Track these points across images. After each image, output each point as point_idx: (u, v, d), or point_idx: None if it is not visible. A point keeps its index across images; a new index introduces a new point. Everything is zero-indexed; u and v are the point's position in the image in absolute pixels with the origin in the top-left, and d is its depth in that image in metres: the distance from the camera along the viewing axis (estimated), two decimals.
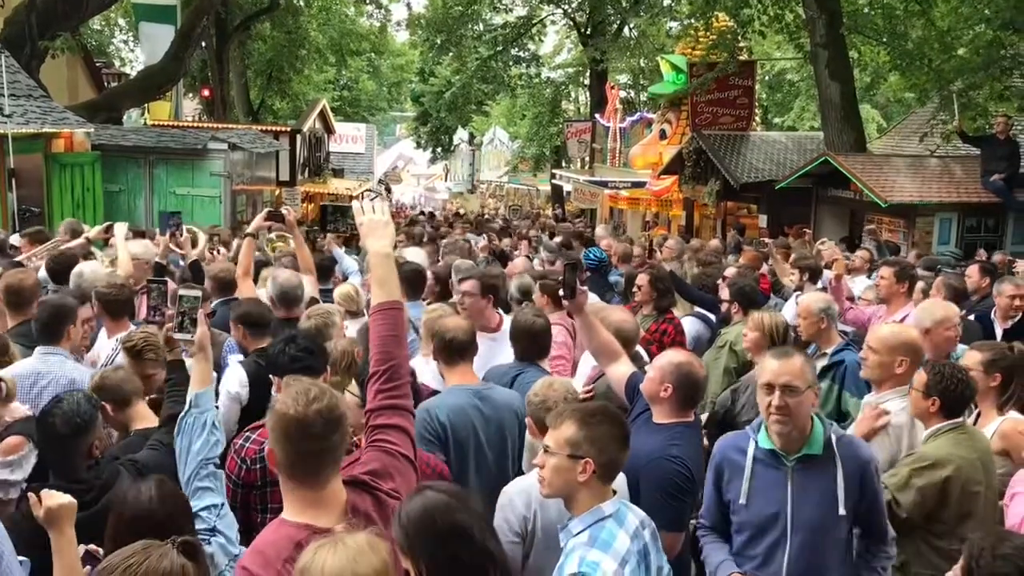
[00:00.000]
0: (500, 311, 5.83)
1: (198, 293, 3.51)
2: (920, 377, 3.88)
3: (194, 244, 7.08)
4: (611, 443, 2.82)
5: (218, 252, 7.50)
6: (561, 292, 4.11)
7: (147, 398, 4.03)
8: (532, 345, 4.69)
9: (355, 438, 2.94)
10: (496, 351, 5.11)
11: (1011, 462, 3.97)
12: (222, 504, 3.08)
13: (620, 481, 3.16)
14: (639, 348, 4.96)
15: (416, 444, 2.79)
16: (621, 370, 4.13)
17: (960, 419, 3.84)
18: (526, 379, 4.31)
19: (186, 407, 3.22)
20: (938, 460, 3.67)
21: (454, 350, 4.12)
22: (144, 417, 3.89)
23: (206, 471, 3.09)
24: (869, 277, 8.16)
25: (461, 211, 34.84)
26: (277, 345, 3.81)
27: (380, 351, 2.77)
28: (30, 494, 2.83)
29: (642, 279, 6.61)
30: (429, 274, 6.95)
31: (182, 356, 3.84)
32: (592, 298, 5.59)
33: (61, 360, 4.42)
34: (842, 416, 5.15)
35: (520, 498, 3.24)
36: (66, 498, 2.79)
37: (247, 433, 3.54)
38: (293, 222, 6.42)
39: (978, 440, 3.85)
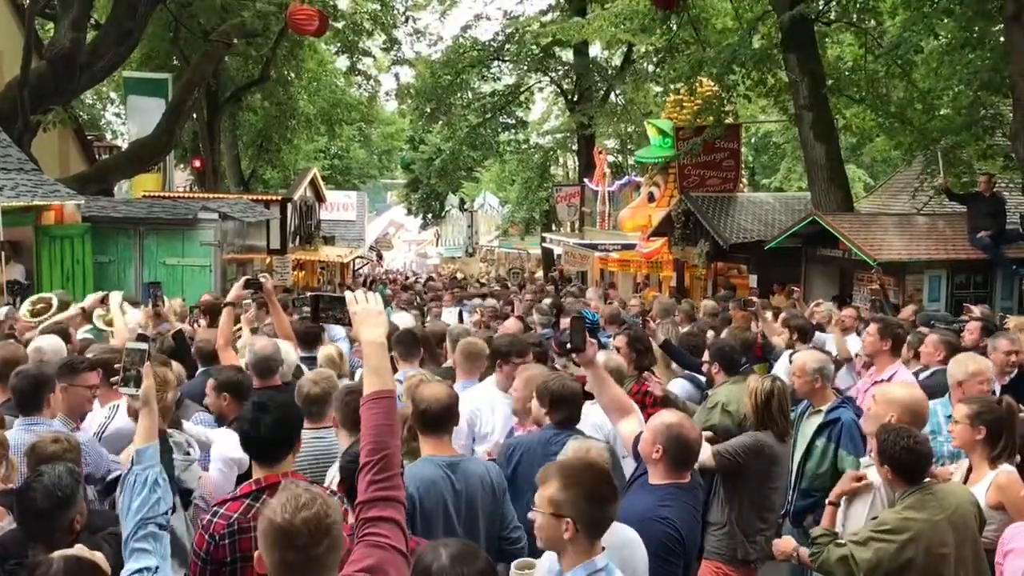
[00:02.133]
0: None
1: (144, 347, 3.43)
2: (873, 444, 3.99)
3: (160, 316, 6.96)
4: (592, 502, 2.88)
5: (198, 324, 7.46)
6: (569, 346, 4.12)
7: None
8: (576, 410, 4.59)
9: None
10: None
11: (1007, 515, 3.95)
12: (156, 568, 2.94)
13: (630, 535, 3.19)
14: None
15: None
16: (631, 427, 4.17)
17: (924, 481, 3.86)
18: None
19: (129, 464, 3.11)
20: (895, 527, 3.72)
21: (427, 421, 3.98)
22: None
23: (144, 531, 2.95)
24: (859, 335, 8.17)
25: (459, 275, 34.86)
26: (248, 422, 3.59)
27: (373, 440, 2.69)
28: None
29: (620, 340, 6.53)
30: None
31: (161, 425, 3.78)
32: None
33: (50, 430, 4.30)
34: (838, 474, 5.14)
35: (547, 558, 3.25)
36: None
37: (215, 508, 3.43)
38: (271, 289, 6.39)
39: (948, 499, 3.82)
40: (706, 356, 6.55)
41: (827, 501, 4.30)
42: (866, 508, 4.10)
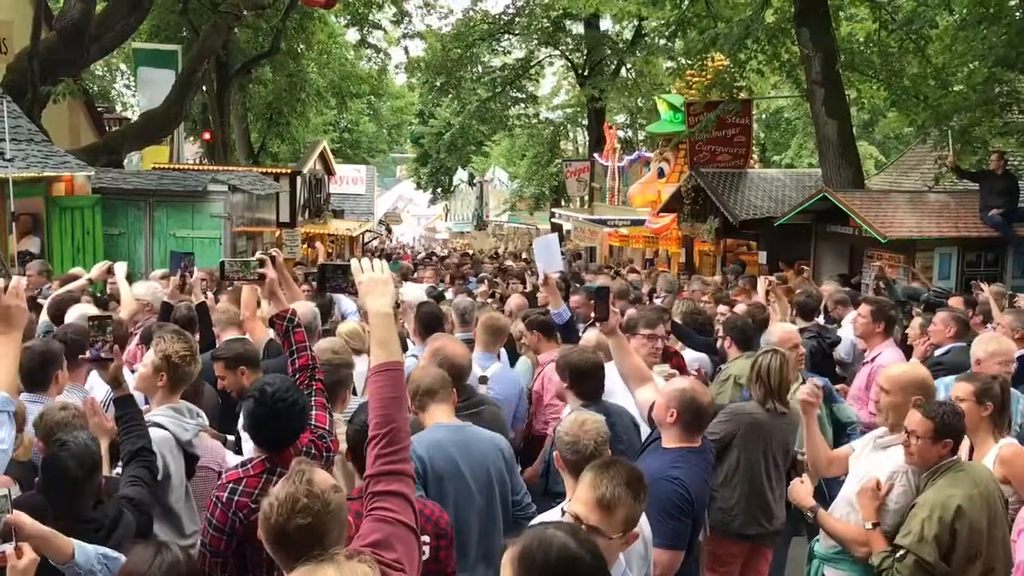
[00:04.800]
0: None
1: (109, 316, 3.40)
2: (923, 424, 3.80)
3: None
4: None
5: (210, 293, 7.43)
6: (594, 315, 4.42)
7: None
8: (600, 383, 4.64)
9: None
10: None
11: (1013, 489, 3.95)
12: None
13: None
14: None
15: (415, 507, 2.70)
16: (646, 395, 4.33)
17: (955, 456, 3.80)
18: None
19: None
20: (943, 504, 3.62)
21: (426, 393, 4.07)
22: None
23: None
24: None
25: (470, 251, 34.72)
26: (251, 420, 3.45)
27: (380, 413, 2.66)
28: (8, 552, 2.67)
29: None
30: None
31: (129, 391, 3.83)
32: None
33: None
34: (842, 426, 5.25)
35: None
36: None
37: (230, 484, 3.30)
38: (281, 264, 6.36)
39: (977, 474, 3.80)
40: (720, 331, 6.58)
41: (866, 527, 3.96)
42: (903, 493, 3.95)
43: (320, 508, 2.39)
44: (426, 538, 3.32)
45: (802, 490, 4.28)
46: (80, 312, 5.60)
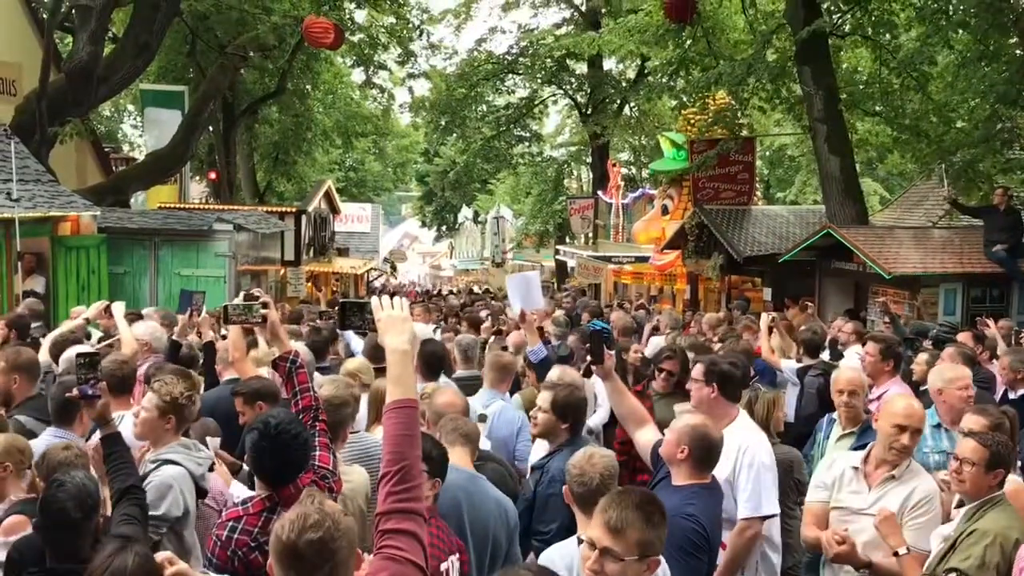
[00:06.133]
0: None
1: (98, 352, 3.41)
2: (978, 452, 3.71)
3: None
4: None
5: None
6: (589, 358, 4.31)
7: None
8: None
9: None
10: None
11: None
12: None
13: None
14: None
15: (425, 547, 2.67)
16: (647, 436, 4.29)
17: (1002, 492, 3.70)
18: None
19: None
20: (1002, 534, 3.53)
21: (458, 433, 4.10)
22: None
23: None
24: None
25: (476, 288, 34.60)
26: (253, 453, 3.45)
27: (392, 451, 2.66)
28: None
29: (634, 357, 6.68)
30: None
31: (116, 428, 3.84)
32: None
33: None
34: None
35: (563, 561, 3.29)
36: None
37: (230, 522, 3.32)
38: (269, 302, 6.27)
39: (1018, 512, 3.71)
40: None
41: (901, 553, 3.87)
42: (936, 519, 3.94)
43: (331, 525, 2.39)
44: (453, 558, 3.40)
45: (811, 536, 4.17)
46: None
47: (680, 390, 6.23)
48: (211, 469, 4.26)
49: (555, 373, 5.56)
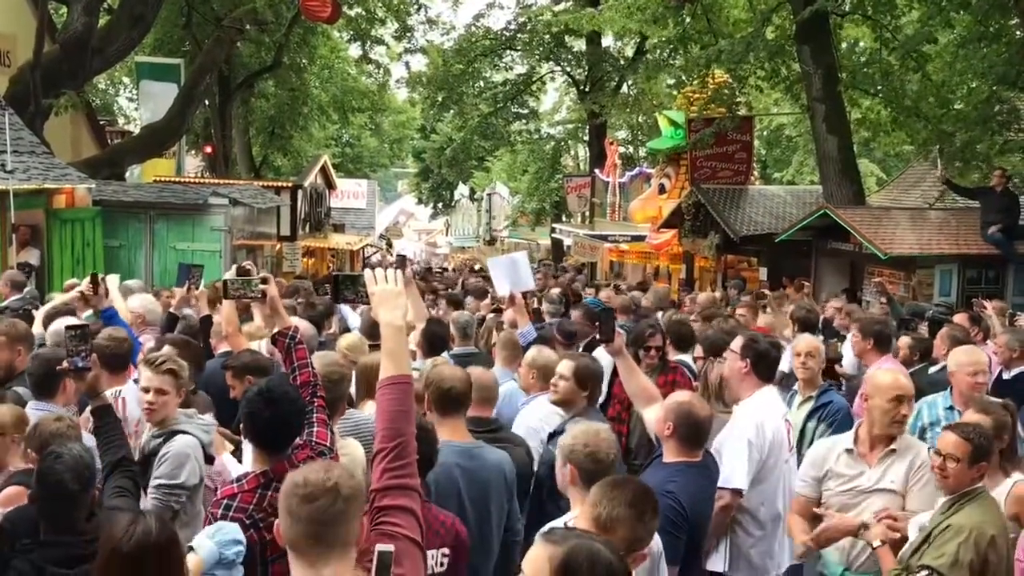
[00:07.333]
0: None
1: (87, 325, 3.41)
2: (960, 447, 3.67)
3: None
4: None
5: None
6: (599, 336, 4.45)
7: None
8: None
9: None
10: None
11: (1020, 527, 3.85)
12: None
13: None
14: None
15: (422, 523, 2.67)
16: (655, 414, 4.25)
17: (982, 484, 3.71)
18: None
19: None
20: (976, 530, 3.48)
21: (450, 401, 4.05)
22: None
23: None
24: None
25: (477, 265, 34.46)
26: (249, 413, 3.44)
27: (388, 427, 2.65)
28: None
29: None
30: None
31: (107, 400, 3.84)
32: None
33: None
34: None
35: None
36: None
37: (225, 500, 3.25)
38: (269, 277, 6.25)
39: (997, 506, 3.73)
40: (699, 351, 6.50)
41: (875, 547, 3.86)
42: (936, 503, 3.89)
43: (339, 474, 2.37)
44: (445, 550, 3.34)
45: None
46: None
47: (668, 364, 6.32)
48: None
49: (532, 352, 5.57)
